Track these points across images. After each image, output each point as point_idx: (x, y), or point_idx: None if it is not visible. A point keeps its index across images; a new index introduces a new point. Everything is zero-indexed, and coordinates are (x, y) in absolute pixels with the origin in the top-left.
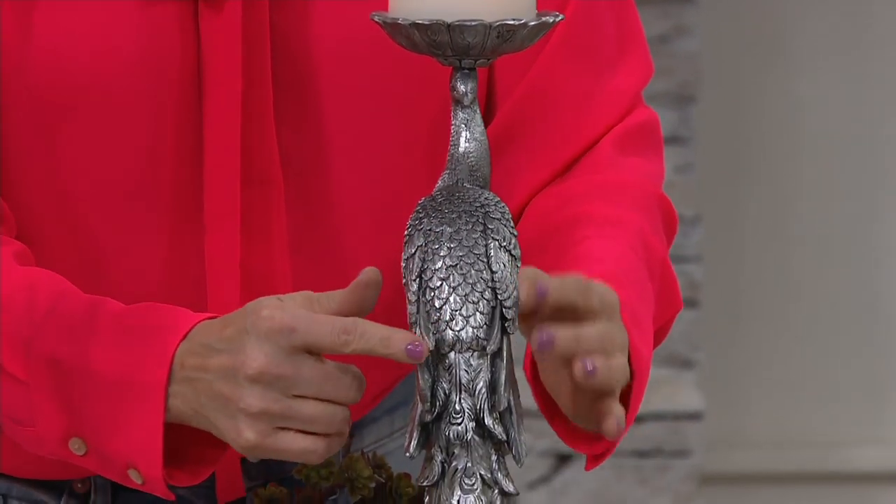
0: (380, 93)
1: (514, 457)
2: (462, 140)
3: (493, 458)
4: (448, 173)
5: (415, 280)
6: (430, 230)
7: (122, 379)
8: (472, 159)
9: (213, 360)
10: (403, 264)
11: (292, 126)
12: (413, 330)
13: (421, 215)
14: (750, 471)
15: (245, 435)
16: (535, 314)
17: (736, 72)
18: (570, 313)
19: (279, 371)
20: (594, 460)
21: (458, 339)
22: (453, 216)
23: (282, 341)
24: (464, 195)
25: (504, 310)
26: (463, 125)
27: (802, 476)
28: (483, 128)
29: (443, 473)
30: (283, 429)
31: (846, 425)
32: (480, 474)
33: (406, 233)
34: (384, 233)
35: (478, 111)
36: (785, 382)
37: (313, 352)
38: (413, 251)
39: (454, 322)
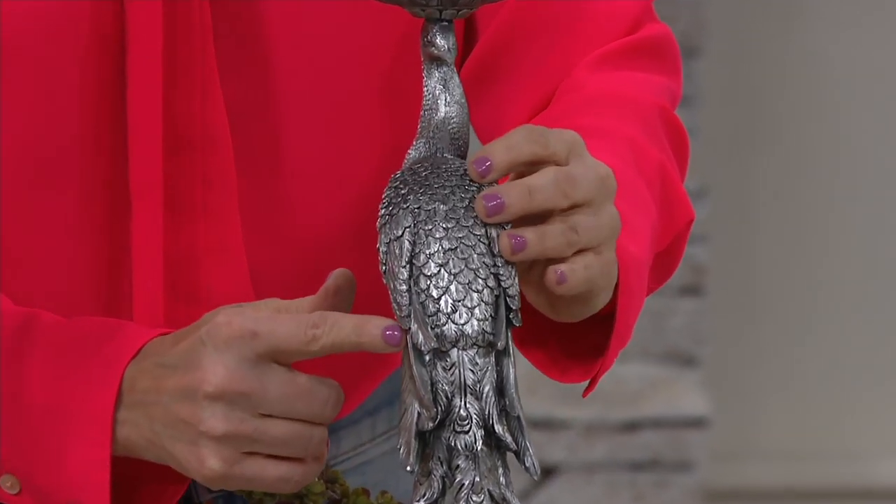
0: (328, 43)
1: (526, 469)
2: (441, 104)
3: (500, 471)
4: (423, 142)
5: (404, 266)
6: (418, 208)
7: (60, 405)
8: (454, 126)
9: (168, 379)
10: (384, 248)
11: (238, 85)
12: (406, 325)
13: (403, 191)
14: (762, 486)
15: (209, 463)
16: None
17: (747, 21)
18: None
19: (243, 386)
20: (590, 386)
21: (461, 335)
22: (445, 192)
23: (244, 349)
24: (451, 168)
25: (508, 299)
26: (440, 86)
27: (823, 492)
28: (462, 88)
29: (443, 490)
30: (251, 454)
31: (872, 434)
32: (489, 490)
33: (385, 211)
34: (339, 198)
35: (455, 70)
36: (803, 384)
37: (281, 360)
38: (399, 233)
39: (457, 314)
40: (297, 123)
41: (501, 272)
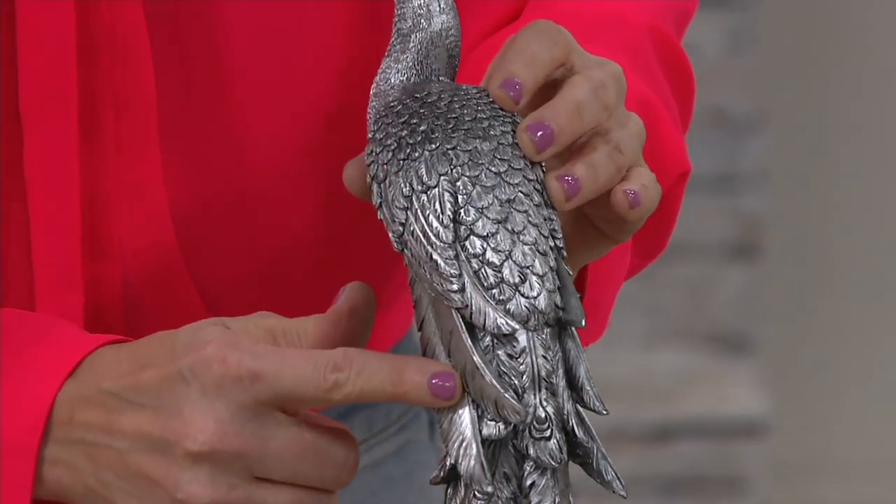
0: None
1: (606, 484)
2: (435, 11)
3: (570, 489)
4: (411, 62)
5: (447, 227)
6: (453, 149)
7: None
8: (452, 39)
9: (126, 418)
10: (401, 203)
11: None
12: (457, 303)
13: (421, 127)
14: None
15: None
16: None
17: None
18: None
19: (238, 443)
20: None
21: (533, 311)
22: (483, 126)
23: (241, 396)
24: (472, 94)
25: (564, 261)
26: None
27: None
28: None
29: None
30: None
31: None
32: None
33: (393, 155)
34: (289, 121)
35: None
36: (890, 377)
37: (288, 409)
38: (433, 182)
39: (527, 285)
40: (233, 24)
41: (556, 227)
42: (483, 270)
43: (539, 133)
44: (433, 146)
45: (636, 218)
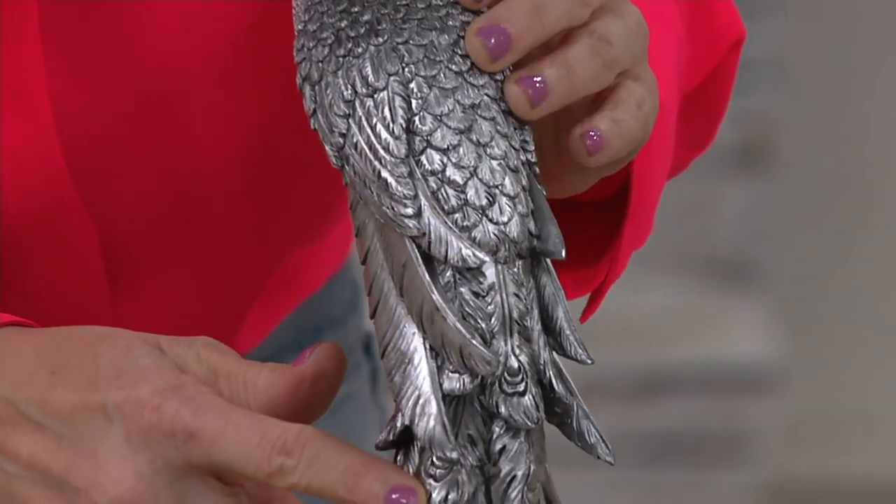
0: None
1: (588, 448)
2: None
3: (545, 455)
4: None
5: (398, 138)
6: (404, 42)
7: None
8: None
9: (21, 437)
10: (341, 109)
11: None
12: (412, 230)
13: (365, 17)
14: (870, 481)
15: None
16: None
17: None
18: None
19: None
20: (591, 306)
21: (503, 239)
22: (439, 14)
23: (169, 452)
24: None
25: (537, 179)
26: None
27: None
28: None
29: (474, 489)
30: None
31: None
32: (542, 485)
33: (329, 51)
34: (211, 5)
35: None
36: None
37: (226, 478)
38: (381, 83)
39: (495, 209)
40: None
41: (527, 137)
42: (443, 190)
43: (493, 39)
44: (380, 40)
45: (598, 164)
